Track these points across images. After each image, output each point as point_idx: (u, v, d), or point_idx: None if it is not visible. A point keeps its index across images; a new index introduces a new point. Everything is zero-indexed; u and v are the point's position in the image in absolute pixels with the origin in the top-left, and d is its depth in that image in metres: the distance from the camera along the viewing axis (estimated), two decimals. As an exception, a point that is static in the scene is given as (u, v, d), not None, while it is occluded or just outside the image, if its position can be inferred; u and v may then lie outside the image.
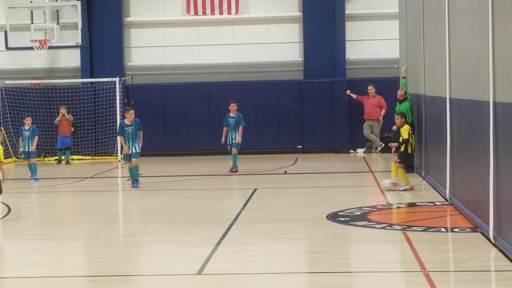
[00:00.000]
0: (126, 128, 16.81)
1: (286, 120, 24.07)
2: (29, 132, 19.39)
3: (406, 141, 15.67)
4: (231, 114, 19.39)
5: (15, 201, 15.75)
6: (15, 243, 11.72)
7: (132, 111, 16.97)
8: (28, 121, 19.63)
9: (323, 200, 14.79)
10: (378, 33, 24.46)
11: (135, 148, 16.79)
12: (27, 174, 19.30)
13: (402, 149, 15.65)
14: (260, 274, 9.24)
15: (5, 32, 22.76)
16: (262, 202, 14.77)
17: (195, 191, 16.72)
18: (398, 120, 16.17)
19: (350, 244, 11.26)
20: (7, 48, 23.06)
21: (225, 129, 19.41)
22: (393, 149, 15.95)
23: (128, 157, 16.94)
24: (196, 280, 9.06)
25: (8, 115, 23.74)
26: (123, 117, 23.51)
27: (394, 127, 17.19)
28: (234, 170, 19.35)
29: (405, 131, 15.74)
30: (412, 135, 16.15)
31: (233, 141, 19.29)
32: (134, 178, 16.94)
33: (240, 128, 19.22)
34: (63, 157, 23.18)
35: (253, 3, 24.69)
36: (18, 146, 20.49)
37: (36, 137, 19.40)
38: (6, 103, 24.01)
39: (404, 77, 18.90)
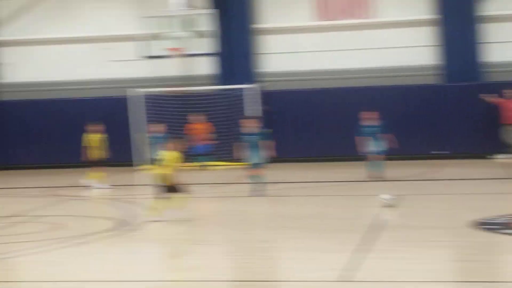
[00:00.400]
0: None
1: (423, 124, 23.44)
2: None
3: None
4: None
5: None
6: (162, 246, 12.00)
7: None
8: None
9: (468, 207, 14.35)
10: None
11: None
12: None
13: None
14: (409, 282, 9.05)
15: (144, 42, 23.13)
16: (405, 209, 14.44)
17: (329, 197, 16.63)
18: None
19: (502, 254, 10.85)
20: (146, 56, 23.47)
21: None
22: None
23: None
24: (342, 286, 8.97)
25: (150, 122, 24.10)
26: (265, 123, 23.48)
27: None
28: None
29: None
30: None
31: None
32: None
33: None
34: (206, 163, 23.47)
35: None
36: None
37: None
38: (145, 110, 24.30)
39: None
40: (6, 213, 15.56)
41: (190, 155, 23.58)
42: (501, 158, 22.43)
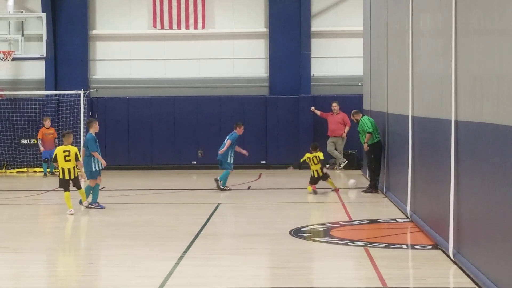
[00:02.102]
0: (97, 140, 15.82)
1: (251, 135, 24.12)
2: None
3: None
4: None
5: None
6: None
7: (97, 122, 16.25)
8: None
9: (286, 216, 14.85)
10: (343, 50, 24.70)
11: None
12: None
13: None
14: (223, 289, 9.26)
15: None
16: (225, 217, 14.78)
17: (159, 205, 16.67)
18: None
19: (313, 260, 11.32)
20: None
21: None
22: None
23: (98, 173, 15.67)
24: (159, 294, 9.04)
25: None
26: (87, 130, 23.51)
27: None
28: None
29: None
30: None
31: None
32: (96, 198, 15.78)
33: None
34: (48, 169, 22.90)
35: (219, 19, 24.81)
36: None
37: None
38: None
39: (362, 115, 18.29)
40: None
41: (42, 160, 23.03)
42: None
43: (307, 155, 18.12)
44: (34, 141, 23.91)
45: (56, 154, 15.15)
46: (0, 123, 23.90)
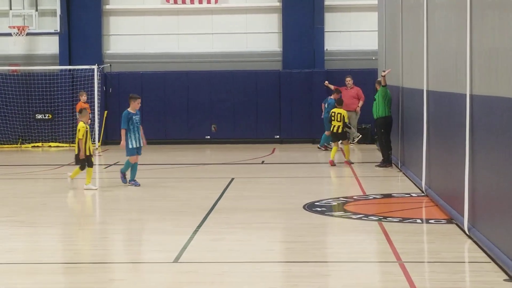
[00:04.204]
0: (134, 117, 15.12)
1: (264, 110, 24.12)
2: None
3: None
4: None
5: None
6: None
7: (139, 100, 15.38)
8: None
9: (300, 190, 14.86)
10: (357, 24, 24.56)
11: (141, 141, 15.28)
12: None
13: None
14: (237, 263, 9.29)
15: (-17, 18, 22.64)
16: (239, 192, 14.82)
17: (173, 179, 16.72)
18: None
19: (326, 234, 11.34)
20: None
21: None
22: None
23: (134, 151, 15.19)
24: (173, 268, 9.09)
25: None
26: (102, 104, 23.57)
27: None
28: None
29: None
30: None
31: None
32: (134, 176, 15.38)
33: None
34: None
35: (232, -7, 24.71)
36: None
37: None
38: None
39: (385, 86, 17.61)
40: None
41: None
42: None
43: (332, 110, 18.78)
44: (49, 116, 23.99)
45: (78, 130, 14.84)
46: (15, 98, 23.97)
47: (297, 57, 24.25)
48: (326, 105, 21.88)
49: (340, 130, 18.40)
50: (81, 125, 14.90)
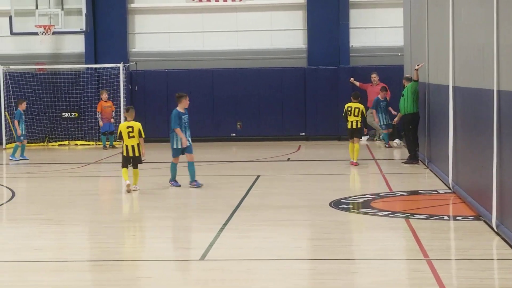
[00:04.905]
0: (183, 116, 14.76)
1: (290, 107, 24.09)
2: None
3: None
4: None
5: (17, 185, 15.86)
6: (19, 227, 11.78)
7: (188, 97, 14.99)
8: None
9: (326, 187, 14.83)
10: (382, 20, 24.43)
11: (190, 140, 14.90)
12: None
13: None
14: (263, 260, 9.28)
15: (10, 17, 22.86)
16: (265, 189, 14.81)
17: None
18: None
19: (353, 231, 11.30)
20: (12, 33, 23.14)
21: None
22: None
23: (179, 152, 14.85)
24: (199, 265, 9.11)
25: (13, 100, 23.74)
26: (127, 102, 23.63)
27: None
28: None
29: None
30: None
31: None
32: (194, 177, 14.99)
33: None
34: (108, 142, 23.19)
35: (257, -10, 24.69)
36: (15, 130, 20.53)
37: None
38: (10, 88, 24.04)
39: (416, 81, 17.46)
40: None
41: (101, 133, 23.34)
42: (364, 140, 23.21)
43: (348, 104, 17.67)
44: (75, 114, 24.15)
45: (120, 131, 14.49)
46: (41, 96, 24.14)
47: (322, 54, 24.19)
48: (376, 107, 21.73)
49: (358, 126, 17.34)
50: (138, 124, 14.47)
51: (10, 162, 19.69)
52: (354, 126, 17.44)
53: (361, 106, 17.54)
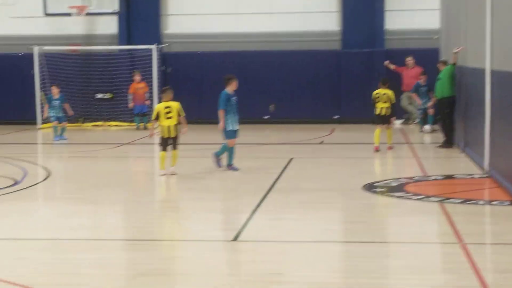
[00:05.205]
0: (232, 98, 14.68)
1: (323, 90, 23.98)
2: (59, 101, 20.29)
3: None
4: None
5: (53, 165, 16.00)
6: (56, 206, 11.88)
7: (236, 79, 14.84)
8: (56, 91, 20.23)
9: (359, 171, 14.75)
10: (417, 3, 24.17)
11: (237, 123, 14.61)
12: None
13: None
14: (295, 242, 9.26)
15: (44, -2, 22.96)
16: (298, 172, 14.77)
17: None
18: None
19: (386, 215, 11.23)
20: (46, 14, 23.27)
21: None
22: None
23: (233, 134, 14.74)
24: (232, 246, 9.11)
25: (47, 81, 23.91)
26: (161, 84, 23.66)
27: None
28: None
29: None
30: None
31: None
32: (231, 160, 14.73)
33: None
34: (141, 123, 23.29)
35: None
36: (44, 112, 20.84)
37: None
38: (46, 68, 24.18)
39: (454, 64, 17.32)
40: None
41: (134, 114, 23.49)
42: (398, 124, 23.06)
43: (376, 91, 17.34)
44: (109, 95, 24.27)
45: (158, 112, 14.20)
46: (75, 77, 24.28)
47: (357, 37, 24.02)
48: (417, 92, 21.54)
49: (387, 112, 17.05)
50: (176, 104, 14.21)
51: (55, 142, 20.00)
52: (383, 113, 17.20)
53: (390, 92, 17.20)
